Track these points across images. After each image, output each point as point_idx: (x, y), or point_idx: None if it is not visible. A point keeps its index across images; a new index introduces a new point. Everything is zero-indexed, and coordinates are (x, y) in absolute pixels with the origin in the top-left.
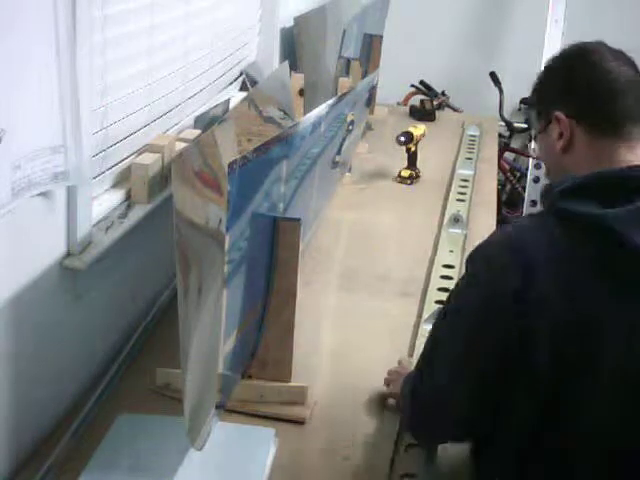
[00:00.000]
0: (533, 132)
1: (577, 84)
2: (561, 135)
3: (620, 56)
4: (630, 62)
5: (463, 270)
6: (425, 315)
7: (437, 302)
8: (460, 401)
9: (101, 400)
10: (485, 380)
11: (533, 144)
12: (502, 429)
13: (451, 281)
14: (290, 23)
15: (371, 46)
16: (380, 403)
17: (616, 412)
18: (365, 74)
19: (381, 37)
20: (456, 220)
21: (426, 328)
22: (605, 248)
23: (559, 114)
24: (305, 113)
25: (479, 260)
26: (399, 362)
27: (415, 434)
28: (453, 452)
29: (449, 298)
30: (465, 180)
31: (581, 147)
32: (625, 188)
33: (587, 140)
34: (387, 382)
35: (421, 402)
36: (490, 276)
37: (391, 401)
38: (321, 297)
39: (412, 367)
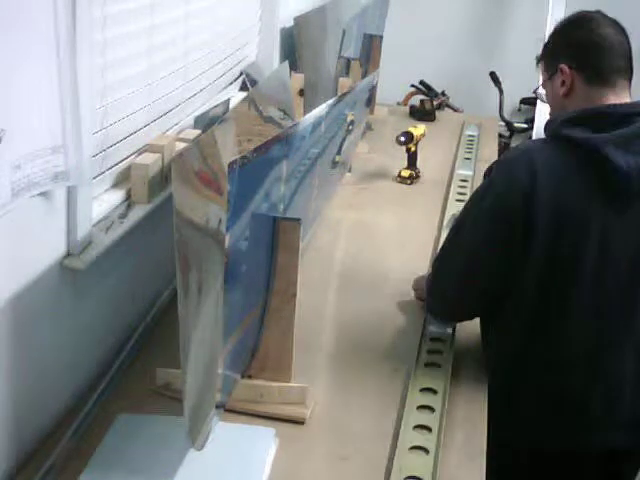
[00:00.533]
0: (541, 81)
1: (578, 44)
2: (563, 83)
3: (613, 24)
4: (621, 29)
5: None
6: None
7: None
8: (474, 281)
9: (101, 400)
10: (495, 264)
11: (540, 89)
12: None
13: None
14: (290, 23)
15: (371, 46)
16: None
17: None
18: (365, 74)
19: (381, 37)
20: None
21: (428, 329)
22: (592, 163)
23: (563, 66)
24: (305, 113)
25: (499, 168)
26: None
27: (435, 314)
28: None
29: (471, 198)
30: (464, 180)
31: (579, 92)
32: (610, 120)
33: (584, 87)
34: (415, 287)
35: (440, 282)
36: (505, 178)
37: (420, 303)
38: (321, 297)
39: None
